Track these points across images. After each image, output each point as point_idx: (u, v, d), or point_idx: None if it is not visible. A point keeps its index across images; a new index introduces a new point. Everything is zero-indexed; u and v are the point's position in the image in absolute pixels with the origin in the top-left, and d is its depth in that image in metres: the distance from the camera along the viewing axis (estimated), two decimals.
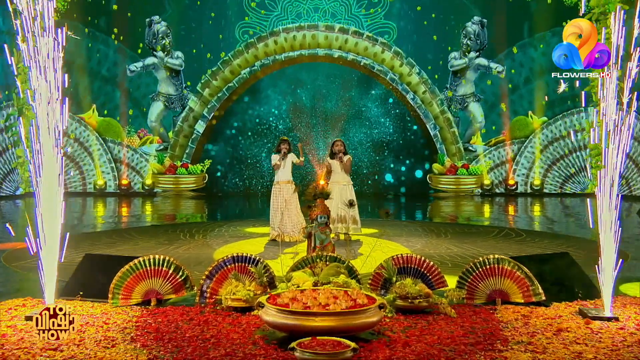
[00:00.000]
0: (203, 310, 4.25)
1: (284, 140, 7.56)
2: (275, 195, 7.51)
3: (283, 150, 7.38)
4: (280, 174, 7.50)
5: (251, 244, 7.45)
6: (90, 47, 16.22)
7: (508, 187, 16.29)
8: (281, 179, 7.51)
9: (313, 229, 4.82)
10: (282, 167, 7.46)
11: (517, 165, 16.40)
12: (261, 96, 16.56)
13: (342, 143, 7.49)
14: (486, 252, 6.70)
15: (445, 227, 9.21)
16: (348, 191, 7.51)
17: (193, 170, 16.31)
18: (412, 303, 4.14)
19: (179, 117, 16.46)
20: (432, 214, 12.59)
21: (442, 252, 6.84)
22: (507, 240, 7.83)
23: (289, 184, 7.52)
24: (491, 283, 4.43)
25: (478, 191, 16.31)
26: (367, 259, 4.87)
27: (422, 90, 16.43)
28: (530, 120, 16.38)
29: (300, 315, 3.40)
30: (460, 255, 6.65)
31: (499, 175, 16.56)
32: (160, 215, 11.89)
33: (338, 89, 16.42)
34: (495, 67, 16.30)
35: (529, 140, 16.37)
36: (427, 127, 16.47)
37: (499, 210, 13.20)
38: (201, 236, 8.10)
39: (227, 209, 13.98)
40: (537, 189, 16.22)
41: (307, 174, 15.99)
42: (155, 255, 4.51)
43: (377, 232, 8.55)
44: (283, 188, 7.49)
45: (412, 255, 4.75)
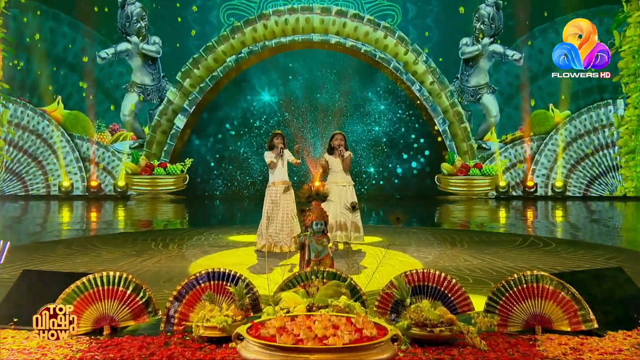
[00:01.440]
0: (168, 342, 3.68)
1: (277, 134, 7.21)
2: (271, 198, 7.12)
3: (279, 146, 7.07)
4: (277, 173, 7.14)
5: (234, 256, 7.03)
6: (54, 31, 16.01)
7: (526, 190, 16.22)
8: (277, 179, 7.14)
9: (307, 239, 4.30)
10: (279, 165, 7.12)
11: (537, 165, 16.33)
12: (249, 87, 16.63)
13: (343, 137, 7.13)
14: (512, 265, 6.23)
15: (460, 235, 8.80)
16: (349, 193, 7.11)
17: (172, 170, 16.17)
18: (431, 332, 3.60)
19: (156, 111, 16.47)
20: (441, 219, 12.37)
21: (460, 265, 6.35)
22: (534, 250, 7.37)
23: (286, 185, 7.17)
24: (529, 306, 3.88)
25: (492, 194, 16.26)
26: (373, 275, 4.30)
27: (429, 81, 16.31)
28: (551, 114, 16.26)
29: (290, 352, 2.83)
30: (482, 269, 6.15)
31: (516, 176, 16.46)
32: (133, 222, 11.58)
33: (335, 79, 16.42)
34: (511, 54, 16.17)
35: (550, 136, 16.25)
36: (435, 122, 16.35)
37: (517, 216, 12.93)
38: (176, 246, 7.69)
39: (210, 214, 13.78)
40: (559, 191, 16.09)
41: (302, 175, 15.83)
42: (109, 272, 3.94)
43: (382, 240, 8.15)
44: (279, 190, 7.12)
45: (430, 271, 4.20)
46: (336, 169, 7.11)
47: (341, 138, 7.11)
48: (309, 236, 4.36)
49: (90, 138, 16.15)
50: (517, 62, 16.13)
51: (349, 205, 4.37)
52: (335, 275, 4.16)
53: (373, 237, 8.23)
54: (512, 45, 16.28)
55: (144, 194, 16.03)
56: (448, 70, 16.39)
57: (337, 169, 7.10)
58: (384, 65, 16.23)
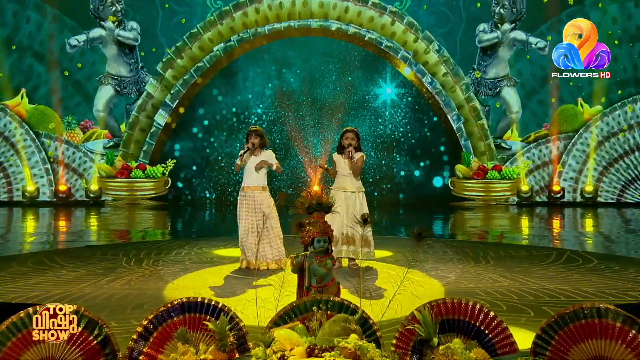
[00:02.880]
0: None
1: (251, 131, 6.88)
2: (240, 205, 6.81)
3: (247, 146, 6.78)
4: (246, 176, 6.85)
5: (218, 274, 6.61)
6: (17, 15, 15.84)
7: (552, 195, 16.10)
8: (247, 183, 6.82)
9: (306, 260, 3.81)
10: (248, 168, 6.79)
11: (564, 167, 16.25)
12: (239, 80, 16.46)
13: (355, 135, 6.82)
14: (552, 288, 5.75)
15: (482, 249, 8.41)
16: (358, 201, 6.76)
17: (152, 173, 15.95)
18: None
19: (134, 106, 16.17)
20: (456, 228, 12.31)
21: (488, 287, 5.88)
22: (573, 268, 6.94)
23: (261, 190, 6.79)
24: (590, 348, 3.37)
25: (514, 200, 16.07)
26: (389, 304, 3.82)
27: (442, 72, 16.17)
28: (580, 110, 16.16)
29: None
30: (516, 292, 5.68)
31: (540, 179, 16.35)
32: (106, 232, 11.30)
33: (336, 71, 16.37)
34: (535, 42, 15.99)
35: (579, 135, 16.16)
36: (449, 118, 16.16)
37: (543, 225, 12.80)
38: (152, 262, 7.29)
39: (194, 223, 13.79)
40: (589, 197, 15.99)
41: (299, 180, 15.65)
42: (55, 305, 3.40)
43: (392, 255, 7.79)
44: (250, 196, 6.76)
45: (461, 302, 3.67)
46: (344, 172, 6.79)
47: (352, 137, 6.80)
48: (309, 257, 3.86)
49: (58, 136, 15.93)
50: (541, 51, 15.86)
51: (359, 218, 3.86)
52: (343, 307, 3.67)
53: (381, 250, 7.87)
54: (536, 32, 15.99)
55: (120, 200, 15.87)
56: (463, 61, 16.14)
57: (345, 172, 6.78)
58: (390, 54, 16.02)
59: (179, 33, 16.12)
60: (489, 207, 15.66)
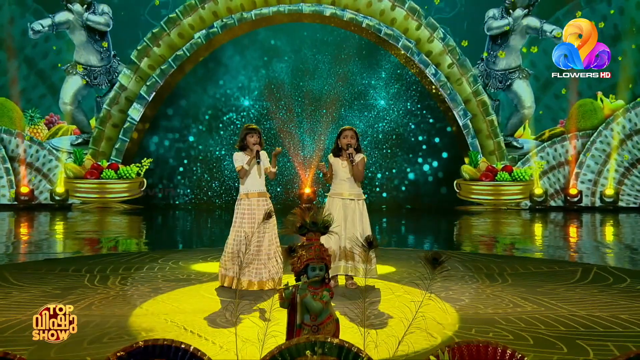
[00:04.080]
0: None
1: (252, 130, 6.52)
2: (242, 214, 6.45)
3: (254, 146, 6.43)
4: (251, 182, 6.51)
5: (195, 296, 6.18)
6: None
7: (569, 199, 16.17)
8: (253, 189, 6.49)
9: (298, 292, 3.41)
10: (254, 172, 6.52)
11: (582, 168, 16.28)
12: (222, 70, 16.51)
13: (354, 134, 6.56)
14: (584, 315, 5.35)
15: (497, 263, 8.08)
16: (358, 210, 6.46)
17: (125, 173, 15.94)
18: None
19: (105, 98, 16.21)
20: (462, 237, 12.25)
21: (509, 314, 5.47)
22: (604, 288, 6.52)
23: (265, 198, 6.52)
24: None
25: (526, 204, 16.13)
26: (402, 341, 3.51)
27: (447, 63, 16.21)
28: (599, 105, 16.22)
29: None
30: (542, 320, 5.29)
31: (555, 181, 16.32)
32: (71, 241, 11.04)
33: (330, 61, 16.44)
34: (550, 29, 16.02)
35: (599, 132, 16.17)
36: (455, 114, 16.21)
37: (560, 233, 12.74)
38: (119, 280, 6.86)
39: (171, 230, 13.59)
40: (609, 201, 16.07)
41: (288, 181, 15.53)
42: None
43: (395, 271, 7.44)
44: (255, 205, 6.44)
45: (488, 346, 3.27)
46: (342, 177, 6.52)
47: (352, 135, 6.53)
48: (302, 288, 3.45)
49: (19, 132, 15.86)
50: (557, 40, 15.78)
51: (363, 240, 3.49)
52: (343, 350, 3.26)
53: (382, 266, 7.49)
54: (551, 19, 15.99)
55: (89, 204, 15.86)
56: (471, 50, 16.22)
57: (344, 176, 6.51)
58: (390, 43, 16.06)
59: (155, 17, 16.12)
60: (499, 212, 15.57)
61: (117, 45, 16.15)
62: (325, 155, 15.55)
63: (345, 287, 6.40)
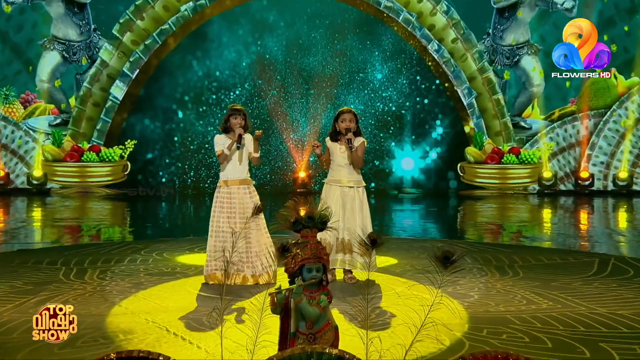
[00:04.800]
0: None
1: (237, 110, 6.35)
2: (222, 204, 6.32)
3: (237, 129, 6.25)
4: (231, 168, 6.36)
5: (179, 292, 6.03)
6: None
7: (579, 182, 16.25)
8: (232, 176, 6.35)
9: (292, 296, 3.21)
10: (235, 158, 6.36)
11: (594, 150, 16.30)
12: (211, 46, 16.51)
13: (353, 116, 6.39)
14: (606, 313, 5.17)
15: (506, 253, 7.94)
16: (357, 198, 6.32)
17: (108, 155, 15.96)
18: None
19: (86, 76, 16.22)
20: (466, 224, 12.24)
21: (523, 312, 5.26)
22: (624, 282, 6.35)
23: (247, 186, 6.36)
24: None
25: (534, 188, 16.20)
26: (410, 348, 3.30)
27: (451, 38, 16.27)
28: (613, 82, 16.26)
29: None
30: (560, 319, 5.06)
31: (565, 164, 16.39)
32: (49, 230, 10.94)
33: (326, 36, 16.49)
34: (561, 2, 16.15)
35: (612, 112, 16.21)
36: (459, 92, 16.23)
37: (571, 220, 12.77)
38: (98, 274, 6.68)
39: (157, 218, 13.54)
40: (623, 184, 16.15)
41: (282, 165, 15.44)
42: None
43: (397, 263, 7.28)
44: (235, 193, 6.29)
45: (506, 356, 3.07)
46: (340, 162, 6.36)
47: (350, 119, 6.36)
48: (296, 292, 3.24)
49: None
50: (568, 13, 15.98)
51: (366, 240, 3.29)
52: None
53: (383, 257, 7.31)
54: None
55: (69, 188, 15.83)
56: (476, 24, 16.24)
57: (342, 162, 6.35)
58: (390, 16, 16.02)
59: None
60: (505, 197, 15.59)
61: (97, 18, 16.09)
62: (321, 137, 15.51)
63: (344, 282, 6.25)
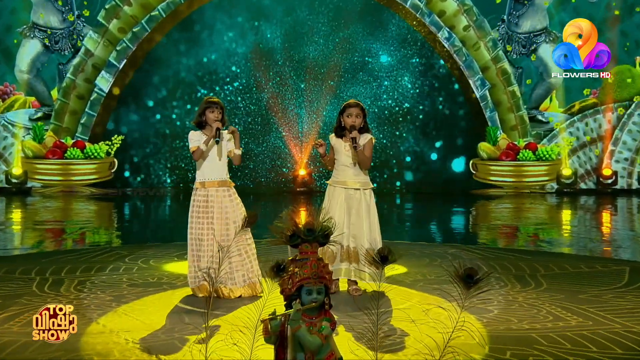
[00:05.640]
0: None
1: (213, 103, 6.14)
2: (199, 208, 6.19)
3: (215, 123, 6.06)
4: (209, 168, 6.19)
5: (164, 307, 5.78)
6: None
7: (601, 181, 16.25)
8: (210, 176, 6.17)
9: (289, 323, 2.96)
10: (213, 154, 6.17)
11: (617, 146, 16.27)
12: (204, 34, 16.57)
13: (361, 111, 6.19)
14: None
15: (526, 260, 7.74)
16: (364, 202, 6.14)
17: (93, 152, 15.97)
18: None
19: (69, 66, 16.27)
20: (479, 226, 12.25)
21: (550, 330, 4.98)
22: None
23: (226, 188, 6.19)
24: None
25: (552, 187, 16.22)
26: None
27: (463, 25, 16.32)
28: (638, 72, 16.37)
29: None
30: (592, 338, 4.78)
31: (586, 161, 16.39)
32: (27, 233, 10.94)
33: (328, 25, 16.50)
34: None
35: (637, 104, 16.26)
36: (471, 84, 16.35)
37: (593, 222, 12.76)
38: (75, 285, 6.47)
39: (144, 220, 13.58)
40: None
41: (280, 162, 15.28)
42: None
43: (407, 272, 7.10)
44: (213, 196, 6.12)
45: None
46: (345, 162, 6.19)
47: (357, 113, 6.15)
48: (294, 318, 2.97)
49: None
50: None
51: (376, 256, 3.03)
52: None
53: None
54: None
55: (52, 187, 15.88)
56: (489, 10, 16.37)
57: (348, 161, 6.17)
58: (397, 2, 16.16)
59: None
60: (521, 196, 15.56)
61: (82, 4, 16.05)
62: (322, 132, 15.32)
63: (348, 293, 6.05)
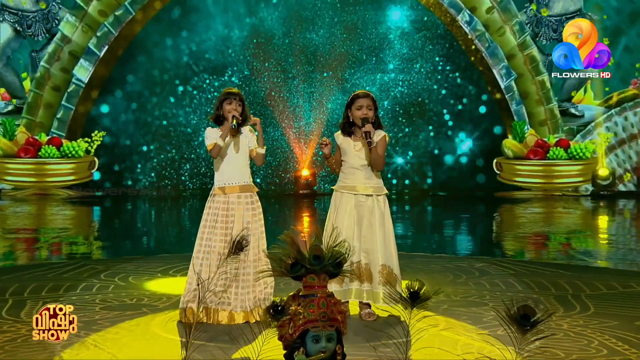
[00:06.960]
0: None
1: (232, 94, 5.87)
2: (215, 217, 5.86)
3: (232, 117, 5.75)
4: (228, 169, 5.88)
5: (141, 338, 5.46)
6: None
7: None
8: (231, 180, 5.89)
9: None
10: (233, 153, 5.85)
11: None
12: (196, 19, 16.72)
13: (372, 102, 5.99)
14: None
15: (567, 278, 7.40)
16: (377, 210, 5.94)
17: (71, 150, 16.05)
18: None
19: (43, 53, 16.40)
20: (505, 234, 12.26)
21: None
22: None
23: (250, 194, 5.91)
24: None
25: (587, 189, 16.30)
26: None
27: (486, 7, 16.46)
28: None
29: None
30: None
31: (625, 160, 16.54)
32: None
33: (333, 7, 16.71)
34: None
35: None
36: (495, 73, 16.43)
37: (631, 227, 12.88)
38: (39, 307, 6.01)
39: (129, 228, 13.59)
40: None
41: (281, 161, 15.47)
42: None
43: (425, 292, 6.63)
44: (233, 204, 5.83)
45: None
46: (355, 164, 5.96)
47: (368, 104, 5.94)
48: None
49: None
50: None
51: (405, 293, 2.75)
52: None
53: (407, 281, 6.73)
54: None
55: (24, 190, 16.03)
56: None
57: (358, 163, 5.95)
58: None
59: None
60: (551, 199, 15.66)
61: None
62: (327, 128, 15.06)
63: (360, 317, 5.79)
